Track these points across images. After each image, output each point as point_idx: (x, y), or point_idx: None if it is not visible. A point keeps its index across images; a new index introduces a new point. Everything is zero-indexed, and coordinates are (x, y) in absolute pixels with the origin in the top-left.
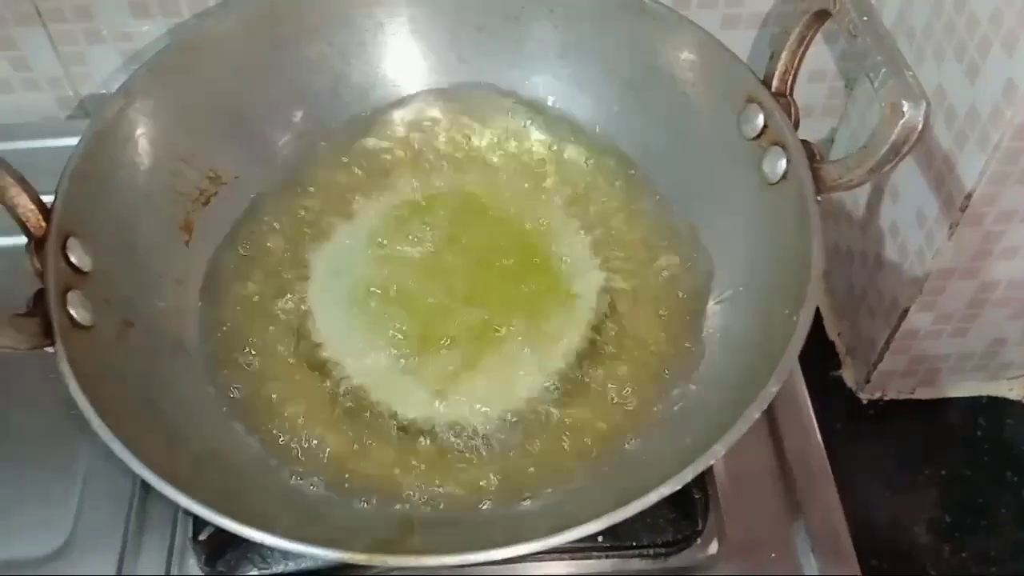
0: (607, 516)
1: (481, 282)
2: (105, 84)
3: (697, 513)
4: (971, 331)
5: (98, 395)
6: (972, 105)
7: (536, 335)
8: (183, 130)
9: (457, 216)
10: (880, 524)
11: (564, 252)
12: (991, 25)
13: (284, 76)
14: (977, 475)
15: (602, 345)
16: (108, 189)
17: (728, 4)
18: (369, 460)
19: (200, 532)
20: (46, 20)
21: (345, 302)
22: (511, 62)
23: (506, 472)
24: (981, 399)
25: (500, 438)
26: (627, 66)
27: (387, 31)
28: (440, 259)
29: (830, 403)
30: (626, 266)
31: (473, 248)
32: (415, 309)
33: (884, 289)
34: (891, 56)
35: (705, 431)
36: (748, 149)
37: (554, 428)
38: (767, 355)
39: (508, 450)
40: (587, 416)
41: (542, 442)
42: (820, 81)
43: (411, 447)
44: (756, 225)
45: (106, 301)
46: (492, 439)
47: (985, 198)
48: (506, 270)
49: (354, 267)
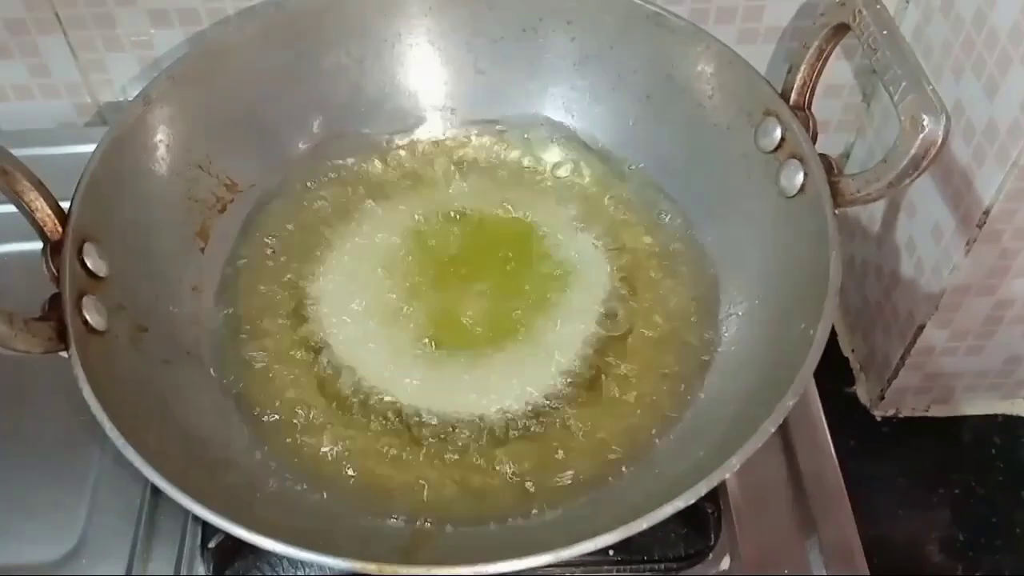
0: (620, 528)
1: (495, 289)
2: (123, 91)
3: (710, 528)
4: (987, 349)
5: (111, 400)
6: (991, 121)
7: (548, 343)
8: (201, 137)
9: (471, 225)
10: (894, 542)
11: (578, 262)
12: (1011, 41)
13: (302, 85)
14: (991, 494)
15: (615, 358)
16: (125, 195)
17: (745, 19)
18: (383, 468)
19: (210, 539)
20: (67, 27)
21: (360, 309)
22: (528, 74)
23: (520, 480)
24: (996, 417)
25: (514, 446)
26: (644, 78)
27: (404, 42)
28: (455, 266)
29: (844, 420)
30: (640, 278)
31: (486, 256)
32: (430, 315)
33: (900, 305)
34: (911, 70)
35: (719, 444)
36: (765, 162)
37: (565, 438)
38: (783, 369)
39: (522, 459)
40: (598, 427)
41: (554, 451)
42: (836, 96)
43: (426, 455)
44: (773, 238)
45: (121, 306)
46: (506, 445)
47: (1003, 215)
48: (520, 277)
49: (369, 274)
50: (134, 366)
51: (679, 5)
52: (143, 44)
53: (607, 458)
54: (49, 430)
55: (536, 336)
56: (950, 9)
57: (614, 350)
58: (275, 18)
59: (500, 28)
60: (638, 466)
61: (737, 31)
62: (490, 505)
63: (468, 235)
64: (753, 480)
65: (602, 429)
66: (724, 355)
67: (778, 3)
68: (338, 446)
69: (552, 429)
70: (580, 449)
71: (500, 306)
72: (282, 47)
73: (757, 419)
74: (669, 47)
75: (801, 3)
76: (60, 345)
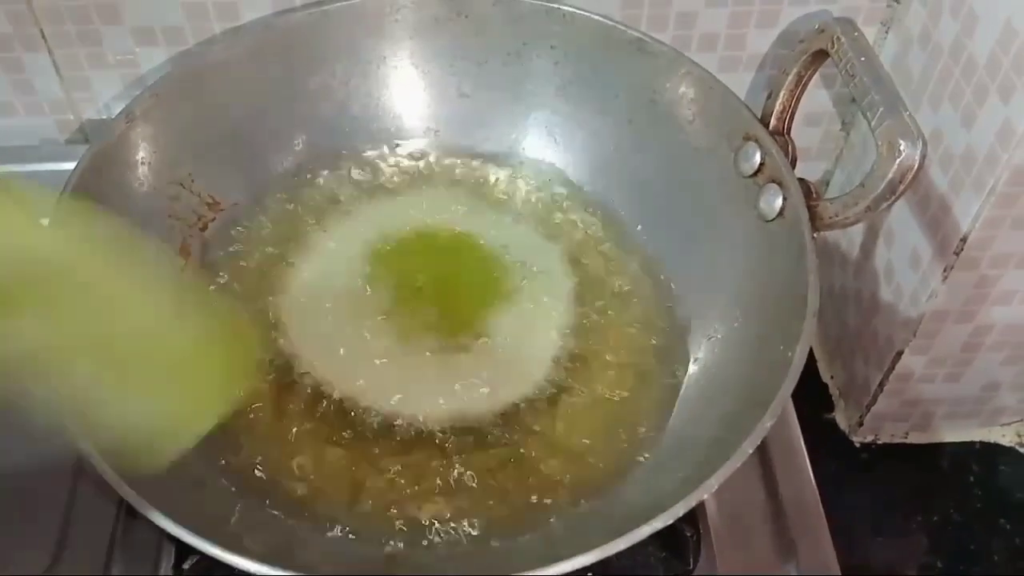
0: (598, 549)
1: (464, 307)
2: (107, 109)
3: (689, 551)
4: (965, 375)
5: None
6: (968, 149)
7: (515, 357)
8: (182, 155)
9: (446, 246)
10: (872, 569)
11: (547, 281)
12: (987, 71)
13: (286, 105)
14: (970, 521)
15: (587, 377)
16: (105, 210)
17: (727, 47)
18: (354, 485)
19: (184, 560)
20: (51, 45)
21: (334, 327)
22: (511, 97)
23: (495, 501)
24: (974, 444)
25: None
26: (627, 103)
27: (389, 64)
28: (428, 287)
29: (823, 446)
30: (612, 297)
31: (457, 277)
32: (402, 329)
33: (878, 331)
34: (888, 95)
35: (698, 466)
36: (745, 186)
37: (540, 456)
38: (761, 391)
39: (495, 475)
40: (574, 445)
41: (530, 471)
42: (815, 125)
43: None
44: (752, 261)
45: None
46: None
47: (980, 242)
48: (487, 295)
49: (347, 292)
50: None
51: (662, 32)
52: (128, 62)
53: (583, 477)
54: (21, 448)
55: (505, 350)
56: (928, 39)
57: (583, 368)
58: (261, 38)
59: (484, 52)
60: (616, 487)
61: (719, 58)
62: (466, 523)
63: (442, 254)
64: (732, 504)
65: (575, 446)
66: (702, 378)
67: (759, 31)
68: (311, 461)
69: (526, 444)
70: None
71: (467, 320)
72: (268, 66)
73: (736, 440)
74: (651, 73)
75: (781, 31)
76: None
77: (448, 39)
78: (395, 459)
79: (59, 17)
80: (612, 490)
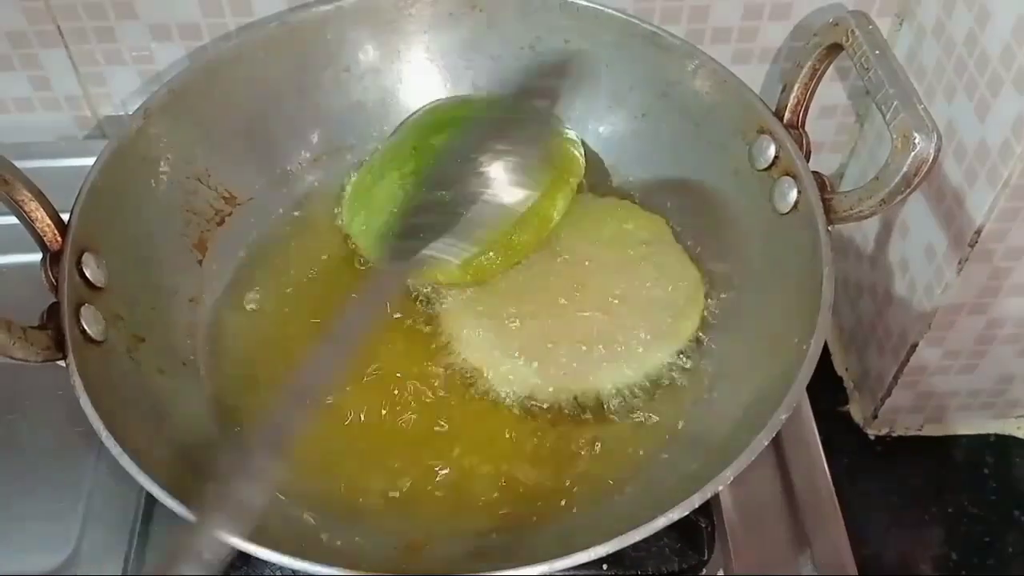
0: (614, 540)
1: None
2: (123, 105)
3: (703, 543)
4: (979, 368)
5: (107, 409)
6: (982, 141)
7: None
8: (200, 150)
9: None
10: (886, 561)
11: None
12: (1002, 63)
13: (302, 100)
14: (984, 513)
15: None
16: (124, 206)
17: (740, 39)
18: (376, 479)
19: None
20: (68, 41)
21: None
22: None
23: (513, 492)
24: (989, 437)
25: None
26: (640, 97)
27: (403, 58)
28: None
29: (838, 439)
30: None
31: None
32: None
33: (892, 324)
34: (903, 89)
35: (713, 458)
36: (759, 179)
37: (559, 445)
38: (776, 383)
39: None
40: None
41: (547, 462)
42: (829, 117)
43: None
44: (766, 254)
45: (119, 317)
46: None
47: (994, 234)
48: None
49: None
50: (131, 376)
51: (675, 25)
52: (144, 58)
53: (600, 469)
54: (44, 439)
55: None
56: (942, 32)
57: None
58: (276, 33)
59: (498, 46)
60: (631, 479)
61: (732, 51)
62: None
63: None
64: (747, 496)
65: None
66: (717, 371)
67: (773, 24)
68: (332, 459)
69: (548, 432)
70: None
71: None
72: (283, 62)
73: (751, 433)
74: (665, 66)
75: (795, 24)
76: (58, 354)
77: (462, 33)
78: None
79: (75, 13)
80: (631, 482)
